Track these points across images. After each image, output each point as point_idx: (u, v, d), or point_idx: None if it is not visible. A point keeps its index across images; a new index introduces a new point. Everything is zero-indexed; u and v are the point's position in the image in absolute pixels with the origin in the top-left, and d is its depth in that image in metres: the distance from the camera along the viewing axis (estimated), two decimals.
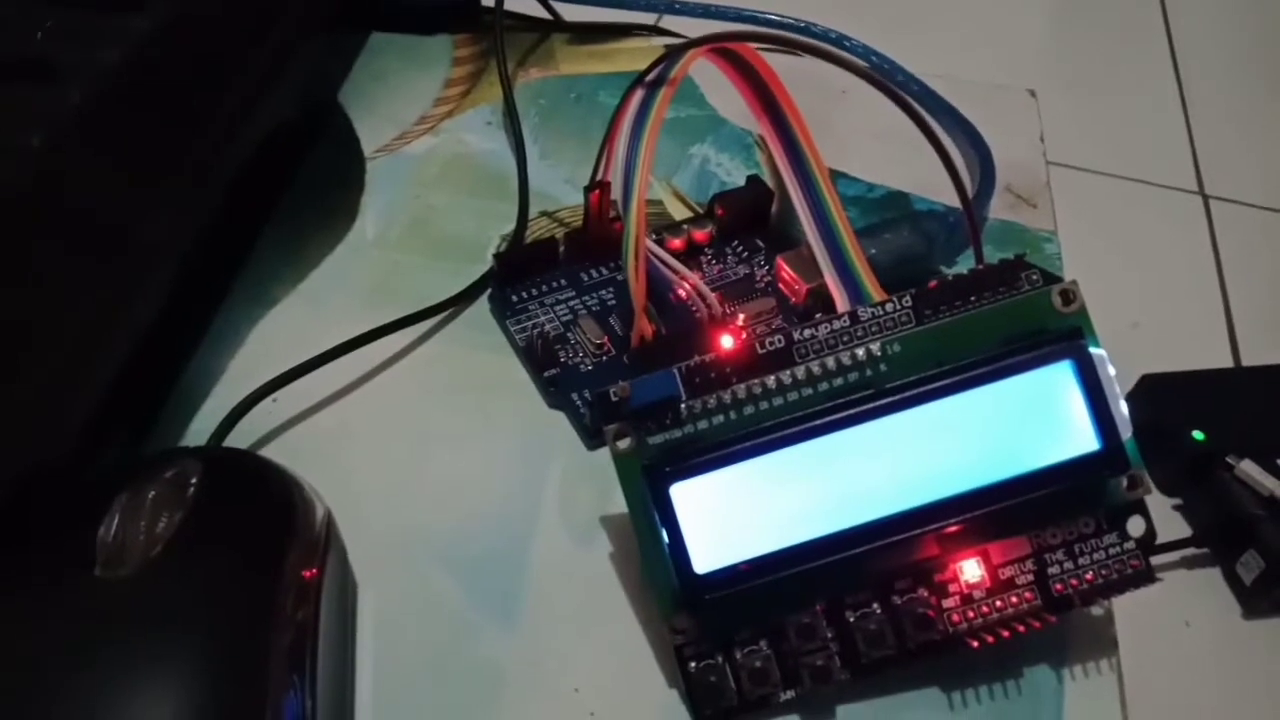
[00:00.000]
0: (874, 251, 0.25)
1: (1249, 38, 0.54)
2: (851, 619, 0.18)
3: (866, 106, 0.32)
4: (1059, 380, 0.17)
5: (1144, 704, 0.20)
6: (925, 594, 0.18)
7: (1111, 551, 0.18)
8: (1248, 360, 0.50)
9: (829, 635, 0.18)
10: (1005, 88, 0.34)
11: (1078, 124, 0.44)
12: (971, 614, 0.18)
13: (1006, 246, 0.28)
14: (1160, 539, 0.19)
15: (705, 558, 0.17)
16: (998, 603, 0.18)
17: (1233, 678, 0.24)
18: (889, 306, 0.18)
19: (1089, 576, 0.18)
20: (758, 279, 0.26)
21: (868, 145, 0.31)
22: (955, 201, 0.23)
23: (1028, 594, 0.18)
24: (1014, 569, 0.18)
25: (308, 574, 0.17)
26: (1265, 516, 0.33)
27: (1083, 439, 0.17)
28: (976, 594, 0.18)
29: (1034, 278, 0.18)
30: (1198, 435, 0.43)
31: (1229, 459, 0.34)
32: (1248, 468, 0.33)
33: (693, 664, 0.18)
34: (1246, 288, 0.47)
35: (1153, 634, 0.24)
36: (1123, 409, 0.17)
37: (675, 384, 0.18)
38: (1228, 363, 0.50)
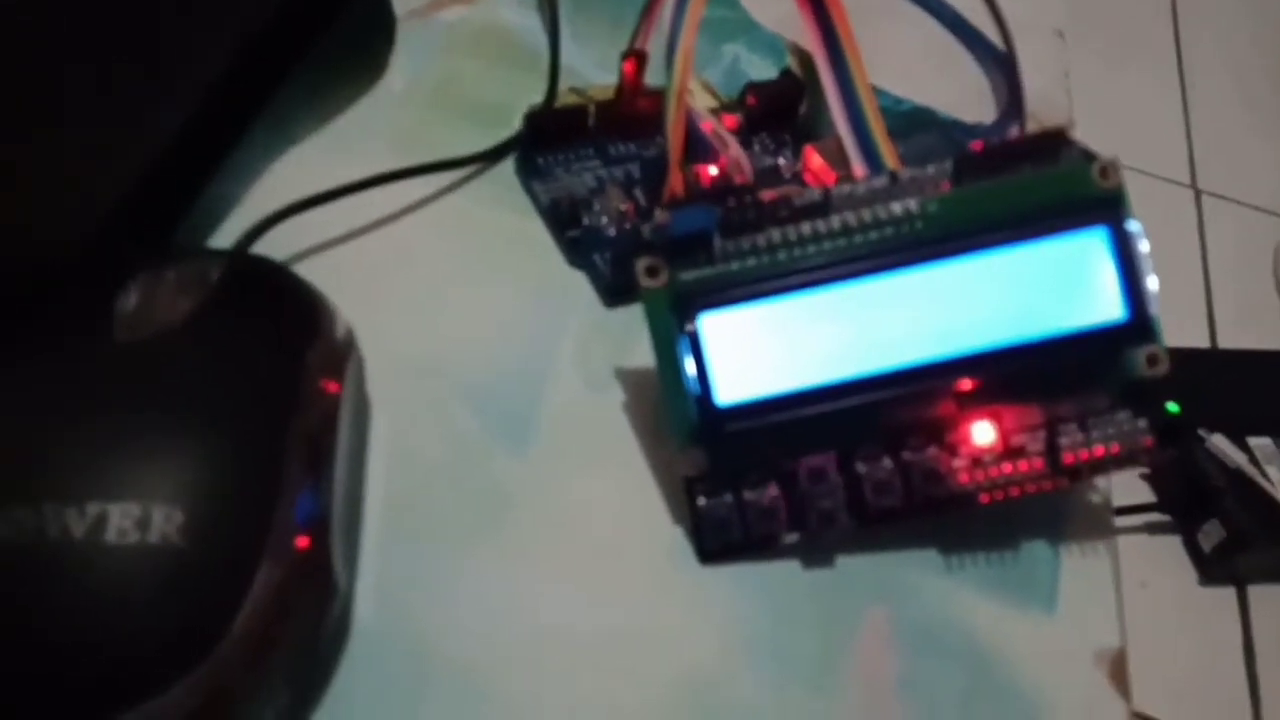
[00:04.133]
0: (901, 150, 0.25)
1: (1256, 35, 0.55)
2: (862, 470, 0.18)
3: (898, 25, 0.32)
4: (1092, 248, 0.18)
5: (1077, 627, 0.21)
6: (936, 451, 0.18)
7: (1124, 428, 0.18)
8: (1224, 346, 0.50)
9: (839, 481, 0.18)
10: (1033, 26, 0.34)
11: (1070, 96, 0.44)
12: (980, 475, 0.18)
13: None
14: (1125, 503, 0.19)
15: (729, 390, 0.17)
16: (1006, 466, 0.18)
17: (1184, 639, 0.25)
18: (930, 169, 0.19)
19: (1099, 450, 0.18)
20: (784, 170, 0.26)
21: (897, 62, 0.31)
22: (977, 121, 0.23)
23: (1037, 461, 0.18)
24: (1025, 436, 0.18)
25: (329, 375, 0.17)
26: (1230, 488, 0.34)
27: (1110, 307, 0.17)
28: (986, 457, 0.18)
29: (1073, 152, 0.18)
30: (1172, 407, 0.44)
31: (1200, 432, 0.34)
32: (1218, 442, 0.34)
33: (702, 499, 0.18)
34: (1229, 280, 0.48)
35: (1095, 562, 0.24)
36: (1153, 284, 0.18)
37: (713, 218, 0.18)
38: (1205, 346, 0.50)
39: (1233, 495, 0.48)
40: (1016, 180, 0.18)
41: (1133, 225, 0.18)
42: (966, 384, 0.18)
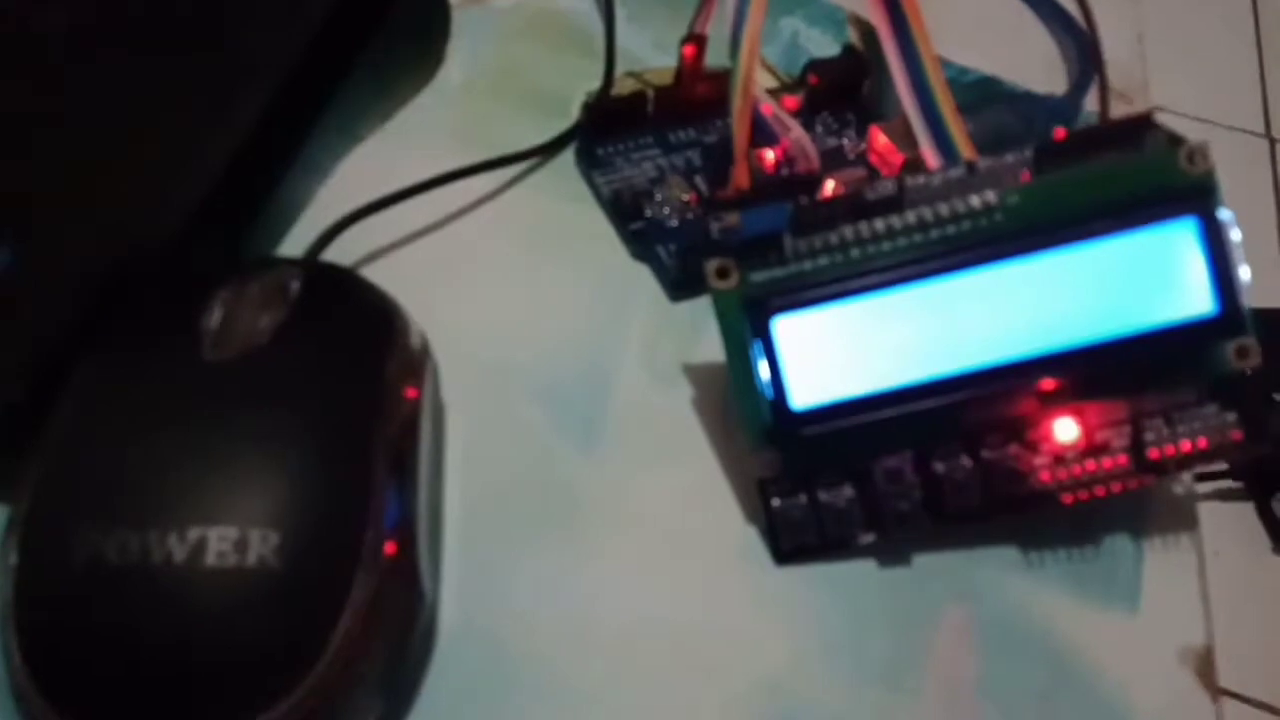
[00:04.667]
0: (971, 128, 0.24)
1: None
2: (940, 469, 0.18)
3: None
4: (1181, 239, 0.17)
5: (1161, 624, 0.20)
6: (1017, 449, 0.18)
7: (1211, 422, 0.18)
8: None
9: (916, 481, 0.18)
10: None
11: (1145, 61, 0.42)
12: (1062, 473, 0.18)
13: None
14: (1197, 470, 0.19)
15: (804, 394, 0.17)
16: (1089, 464, 0.18)
17: (1258, 609, 0.24)
18: (1009, 158, 0.18)
19: (1185, 445, 0.18)
20: (848, 151, 0.26)
21: (962, 31, 0.30)
22: (1048, 91, 0.22)
23: (1121, 457, 0.18)
24: (1109, 432, 0.18)
25: (410, 381, 0.18)
26: None
27: (1200, 301, 0.17)
28: (1069, 454, 0.18)
29: (1160, 137, 0.18)
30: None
31: (1276, 396, 0.33)
32: None
33: (776, 500, 0.18)
34: None
35: (1180, 558, 0.24)
36: (1245, 275, 0.17)
37: (785, 216, 0.17)
38: None
39: None
40: (1099, 168, 0.17)
41: (1224, 214, 0.17)
42: (1049, 383, 0.17)
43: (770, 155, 0.24)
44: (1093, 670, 0.18)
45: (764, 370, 0.17)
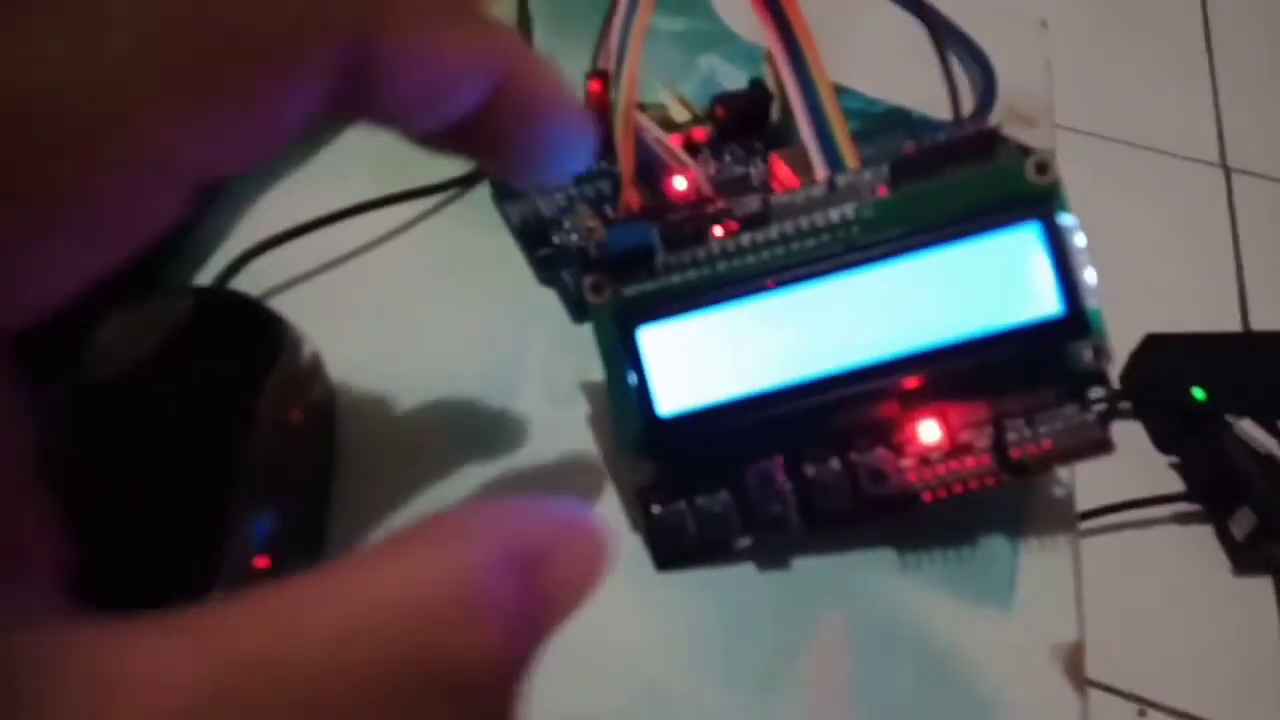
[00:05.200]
0: (870, 153, 0.25)
1: None
2: (810, 473, 0.18)
3: (872, 25, 0.32)
4: (1026, 244, 0.18)
5: (1129, 651, 0.20)
6: (883, 451, 0.18)
7: (1072, 421, 0.18)
8: (1258, 328, 0.50)
9: (788, 487, 0.18)
10: (1015, 15, 0.34)
11: (1101, 93, 0.44)
12: (928, 474, 0.18)
13: None
14: (1154, 493, 0.19)
15: (670, 401, 0.18)
16: (953, 464, 0.18)
17: (1218, 630, 0.24)
18: (866, 175, 0.19)
19: (1047, 444, 0.18)
20: (753, 178, 0.26)
21: (872, 63, 0.31)
22: (954, 118, 0.23)
23: (985, 457, 0.18)
24: (972, 433, 0.18)
25: (294, 401, 0.18)
26: (1260, 474, 0.33)
27: (1046, 303, 0.18)
28: (934, 455, 0.18)
29: (1010, 148, 0.19)
30: (1198, 393, 0.43)
31: (1228, 418, 0.34)
32: (1246, 427, 0.33)
33: (655, 507, 0.19)
34: (1262, 258, 0.47)
35: (1141, 584, 0.24)
36: (1090, 278, 0.18)
37: (649, 234, 0.18)
38: (1237, 329, 0.50)
39: (1263, 482, 0.47)
40: (951, 180, 0.18)
41: (1066, 219, 0.18)
42: (910, 383, 0.18)
43: (683, 183, 0.25)
44: (967, 669, 0.18)
45: (632, 379, 0.18)
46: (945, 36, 0.31)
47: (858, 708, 0.18)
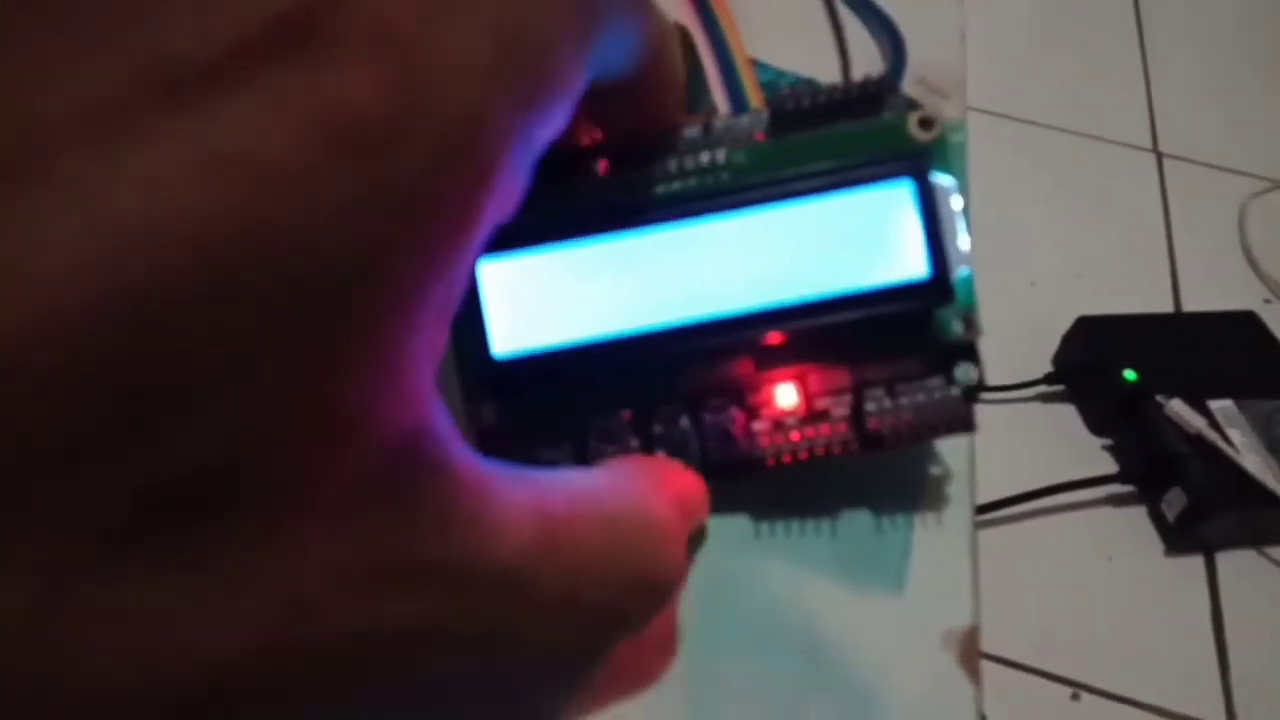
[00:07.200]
0: None
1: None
2: (658, 430, 0.17)
3: None
4: (897, 202, 0.17)
5: (1062, 635, 0.20)
6: (735, 413, 0.17)
7: (935, 395, 0.17)
8: (1189, 310, 0.49)
9: (633, 443, 0.17)
10: None
11: (1032, 78, 0.42)
12: (780, 438, 0.17)
13: None
14: (1088, 475, 0.18)
15: (505, 341, 0.17)
16: (809, 430, 0.17)
17: (1151, 610, 0.24)
18: (745, 118, 0.18)
19: (907, 418, 0.17)
20: None
21: (780, 35, 0.30)
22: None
23: (841, 425, 0.17)
24: (830, 400, 0.17)
25: None
26: (1191, 454, 0.32)
27: (913, 265, 0.16)
28: (789, 420, 0.17)
29: (900, 103, 0.17)
30: (1129, 375, 0.43)
31: (1159, 398, 0.33)
32: (1177, 407, 0.33)
33: (491, 456, 0.18)
34: (1193, 241, 0.46)
35: (1075, 567, 0.23)
36: (962, 244, 0.17)
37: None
38: (1169, 310, 0.49)
39: (1194, 461, 0.47)
40: (831, 132, 0.17)
41: (943, 179, 0.17)
42: (768, 340, 0.17)
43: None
44: (852, 656, 0.17)
45: (470, 317, 0.17)
46: (858, 6, 0.30)
47: (730, 704, 0.17)
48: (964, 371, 0.18)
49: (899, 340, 0.17)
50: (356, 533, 0.08)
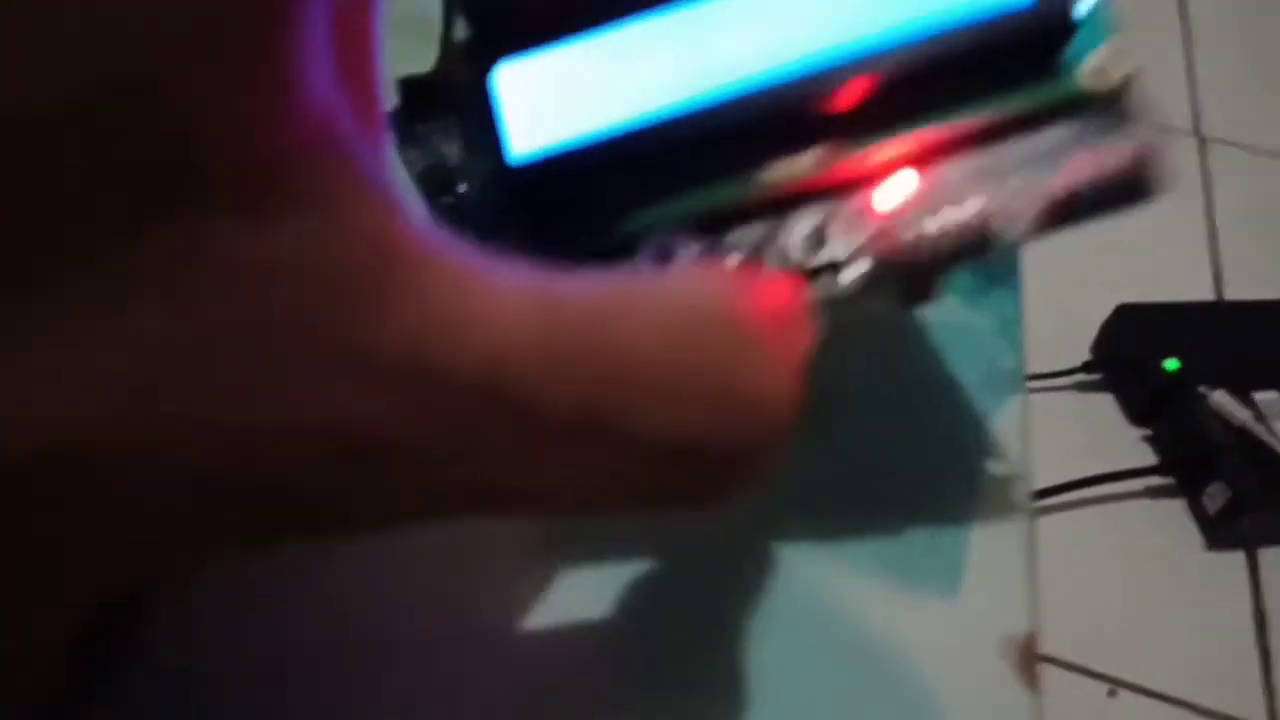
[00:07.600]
0: None
1: None
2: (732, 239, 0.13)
3: None
4: None
5: (1099, 629, 0.19)
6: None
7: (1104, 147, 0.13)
8: (1231, 298, 0.48)
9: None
10: None
11: None
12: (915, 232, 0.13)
13: None
14: (1126, 467, 0.17)
15: (526, 140, 0.13)
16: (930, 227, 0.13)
17: (1191, 606, 0.23)
18: None
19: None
20: None
21: None
22: None
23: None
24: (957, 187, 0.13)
25: None
26: (1235, 446, 0.31)
27: None
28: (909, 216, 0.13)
29: None
30: (1170, 365, 0.42)
31: (1201, 389, 0.31)
32: (1220, 399, 0.31)
33: None
34: (1235, 227, 0.45)
35: (1111, 560, 0.22)
36: None
37: None
38: (1210, 299, 0.49)
39: (1237, 454, 0.45)
40: None
41: None
42: (845, 97, 0.12)
43: None
44: (904, 663, 0.16)
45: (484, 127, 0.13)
46: None
47: (780, 706, 0.15)
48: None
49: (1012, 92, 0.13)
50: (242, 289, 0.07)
